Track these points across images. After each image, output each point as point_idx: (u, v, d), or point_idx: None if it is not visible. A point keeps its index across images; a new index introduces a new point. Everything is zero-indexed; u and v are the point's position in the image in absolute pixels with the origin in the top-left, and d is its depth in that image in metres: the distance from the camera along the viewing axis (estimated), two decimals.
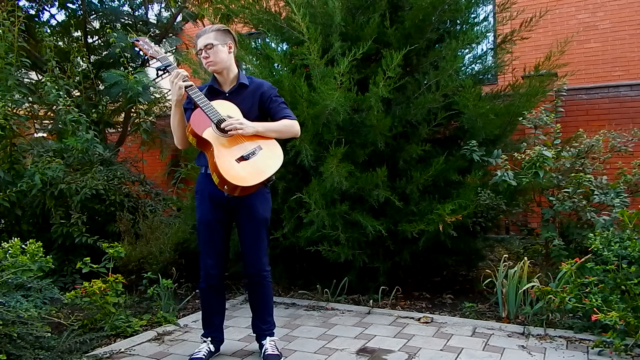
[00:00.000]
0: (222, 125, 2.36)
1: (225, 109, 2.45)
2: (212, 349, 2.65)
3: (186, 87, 2.39)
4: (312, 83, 3.54)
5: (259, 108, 2.57)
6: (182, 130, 2.50)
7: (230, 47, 2.53)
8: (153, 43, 2.59)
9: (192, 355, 2.60)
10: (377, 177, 3.50)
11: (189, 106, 2.53)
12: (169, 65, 2.47)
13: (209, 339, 2.66)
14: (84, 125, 4.43)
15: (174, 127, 2.52)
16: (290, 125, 2.53)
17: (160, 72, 7.21)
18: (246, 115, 2.47)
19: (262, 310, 2.67)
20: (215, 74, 2.58)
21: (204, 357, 2.57)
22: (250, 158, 2.37)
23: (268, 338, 2.65)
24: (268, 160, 2.40)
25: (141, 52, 2.79)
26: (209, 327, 2.68)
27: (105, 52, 6.19)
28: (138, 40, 2.56)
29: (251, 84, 2.59)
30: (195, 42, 2.54)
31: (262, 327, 2.67)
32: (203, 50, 2.48)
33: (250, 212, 2.52)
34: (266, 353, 2.59)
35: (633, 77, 7.00)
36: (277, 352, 2.61)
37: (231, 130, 2.35)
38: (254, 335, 2.75)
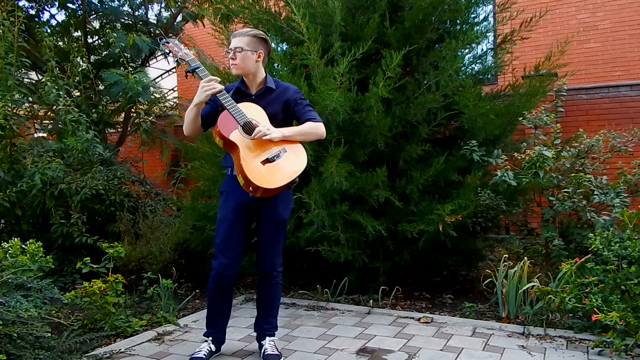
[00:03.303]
0: (252, 136, 2.38)
1: (252, 111, 2.48)
2: (213, 348, 2.65)
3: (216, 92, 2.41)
4: (312, 83, 3.54)
5: (284, 111, 2.59)
6: (194, 123, 2.51)
7: (259, 56, 2.54)
8: (183, 45, 2.60)
9: (192, 354, 2.59)
10: (377, 177, 3.50)
11: (209, 101, 2.55)
12: (198, 68, 2.48)
13: (211, 338, 2.66)
14: (84, 125, 4.43)
15: (188, 119, 2.51)
16: (315, 127, 2.54)
17: (167, 72, 7.22)
18: (272, 118, 2.50)
19: (268, 310, 2.68)
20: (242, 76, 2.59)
21: (204, 356, 2.57)
22: (275, 160, 2.41)
23: (268, 338, 2.65)
24: (292, 163, 2.44)
25: (171, 54, 2.79)
26: (212, 327, 2.67)
27: (105, 52, 6.18)
28: (168, 42, 2.57)
29: (277, 88, 2.61)
30: (230, 39, 2.56)
31: (264, 327, 2.68)
32: (232, 52, 2.50)
33: (272, 213, 2.56)
34: (266, 353, 2.59)
35: (633, 77, 7.00)
36: (276, 352, 2.61)
37: (259, 137, 2.37)
38: (254, 334, 2.76)
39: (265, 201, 2.51)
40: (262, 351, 2.62)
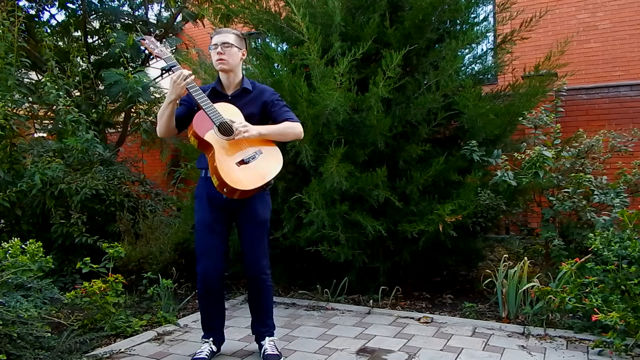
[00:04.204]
0: (232, 137, 2.36)
1: (228, 112, 2.46)
2: (214, 349, 2.65)
3: (189, 87, 2.39)
4: (312, 83, 3.54)
5: (261, 113, 2.58)
6: (168, 123, 2.48)
7: (243, 55, 2.57)
8: (159, 42, 2.59)
9: (194, 355, 2.59)
10: (377, 177, 3.50)
11: (184, 102, 2.55)
12: (174, 66, 2.47)
13: (211, 339, 2.66)
14: (84, 125, 4.43)
15: (161, 119, 2.48)
16: (292, 127, 2.53)
17: (162, 72, 7.21)
18: (248, 120, 2.48)
19: (262, 313, 2.67)
20: (221, 75, 2.58)
21: (206, 357, 2.57)
22: (250, 162, 2.39)
23: (267, 338, 2.65)
24: (268, 165, 2.42)
25: (147, 51, 2.78)
26: (209, 330, 2.67)
27: (105, 52, 6.18)
28: (144, 39, 2.56)
29: (254, 90, 2.60)
30: (213, 36, 2.54)
31: (262, 329, 2.68)
32: (220, 46, 2.48)
33: (251, 214, 2.53)
34: (266, 353, 2.59)
35: (633, 77, 6.99)
36: (276, 352, 2.61)
37: (237, 136, 2.36)
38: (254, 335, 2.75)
39: (241, 203, 2.48)
40: (262, 351, 2.62)
